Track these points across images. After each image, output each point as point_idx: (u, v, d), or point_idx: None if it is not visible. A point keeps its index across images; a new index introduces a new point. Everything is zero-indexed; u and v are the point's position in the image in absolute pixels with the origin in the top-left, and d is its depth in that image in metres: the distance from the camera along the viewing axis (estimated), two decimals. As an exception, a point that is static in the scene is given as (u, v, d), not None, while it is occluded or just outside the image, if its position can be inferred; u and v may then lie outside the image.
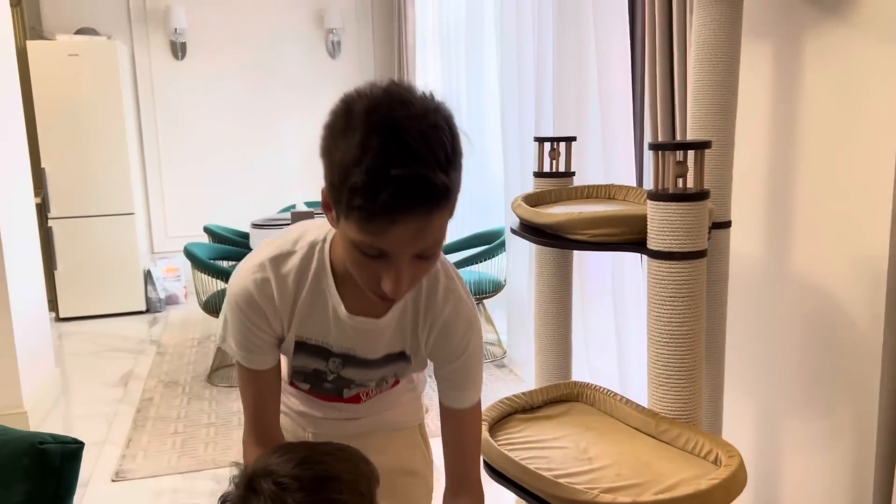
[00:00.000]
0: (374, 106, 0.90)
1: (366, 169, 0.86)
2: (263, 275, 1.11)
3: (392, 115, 0.89)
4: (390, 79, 0.97)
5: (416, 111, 0.90)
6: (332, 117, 0.94)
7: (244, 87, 6.11)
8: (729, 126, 1.73)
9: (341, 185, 0.90)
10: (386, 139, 0.87)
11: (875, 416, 1.70)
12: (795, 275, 1.90)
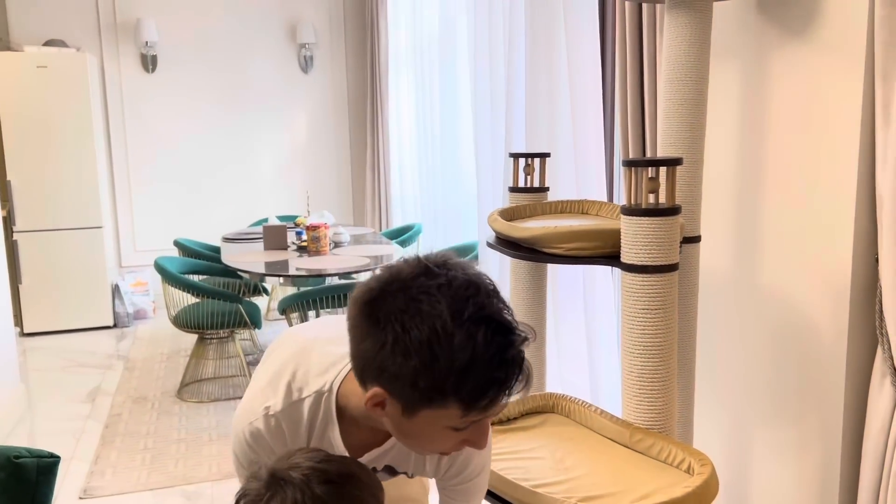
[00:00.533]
0: (460, 305, 0.93)
1: (485, 360, 0.92)
2: (276, 423, 1.16)
3: (478, 303, 0.95)
4: (425, 264, 0.98)
5: (482, 290, 0.97)
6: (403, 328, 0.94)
7: (215, 100, 6.09)
8: (698, 143, 1.78)
9: (443, 380, 0.92)
10: (487, 329, 0.93)
11: (840, 425, 1.75)
12: (763, 288, 1.96)
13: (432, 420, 0.97)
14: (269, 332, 5.30)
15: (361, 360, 0.98)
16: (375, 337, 0.95)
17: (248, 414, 1.18)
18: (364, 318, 0.97)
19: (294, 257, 4.02)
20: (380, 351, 0.94)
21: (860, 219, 1.66)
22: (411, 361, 0.92)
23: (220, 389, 4.13)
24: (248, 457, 1.19)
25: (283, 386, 1.17)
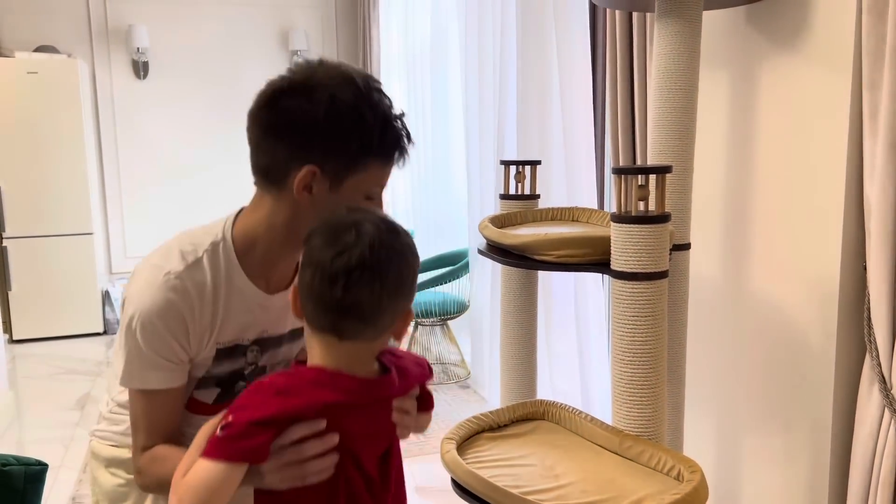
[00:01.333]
0: (362, 80, 1.11)
1: (393, 116, 1.14)
2: (181, 285, 1.09)
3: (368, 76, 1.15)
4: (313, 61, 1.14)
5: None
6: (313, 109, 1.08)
7: (207, 107, 6.08)
8: (688, 151, 1.79)
9: (370, 138, 1.08)
10: (385, 95, 1.14)
11: (829, 432, 1.76)
12: (752, 296, 1.97)
13: (355, 187, 1.09)
14: (260, 339, 5.28)
15: (284, 150, 1.08)
16: (305, 114, 1.05)
17: (147, 289, 1.08)
18: (279, 111, 1.09)
19: (285, 264, 4.01)
20: (311, 126, 1.05)
21: (848, 227, 1.67)
22: (344, 124, 1.05)
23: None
24: (158, 343, 1.08)
25: (175, 255, 1.12)
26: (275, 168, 1.10)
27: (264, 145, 1.11)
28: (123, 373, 1.12)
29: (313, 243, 1.00)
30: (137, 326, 1.08)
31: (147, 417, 1.12)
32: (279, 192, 1.12)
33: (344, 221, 1.00)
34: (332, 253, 0.97)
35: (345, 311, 0.98)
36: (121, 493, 1.27)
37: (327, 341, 1.02)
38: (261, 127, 1.11)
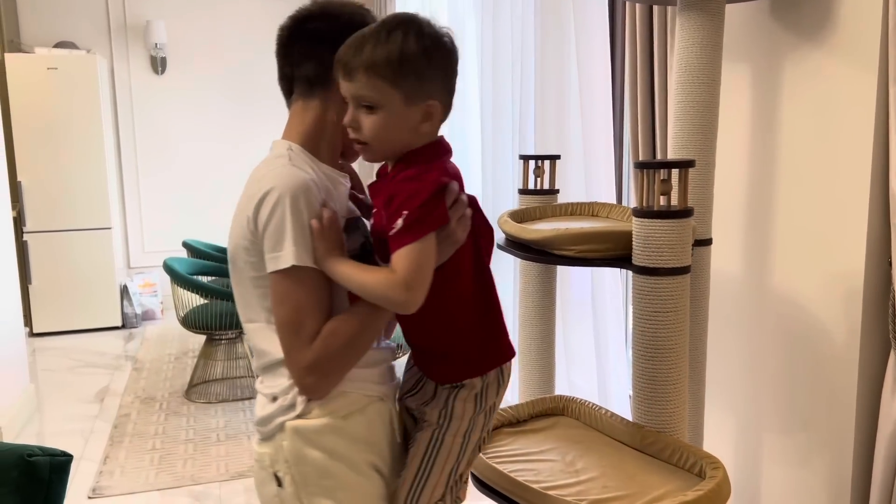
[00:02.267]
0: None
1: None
2: (306, 169, 1.18)
3: None
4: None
5: None
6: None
7: (224, 102, 6.10)
8: (710, 146, 1.78)
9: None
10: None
11: (852, 430, 1.74)
12: (774, 291, 1.95)
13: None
14: (277, 334, 5.30)
15: (330, 56, 1.17)
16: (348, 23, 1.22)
17: (280, 172, 1.16)
18: (329, 19, 1.26)
19: (302, 259, 4.02)
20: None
21: (873, 222, 1.65)
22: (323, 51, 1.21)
23: (228, 390, 4.13)
24: (313, 211, 1.14)
25: (273, 163, 1.20)
26: (322, 72, 1.22)
27: (314, 53, 1.23)
28: (294, 248, 1.12)
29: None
30: (289, 202, 1.13)
31: (315, 295, 1.14)
32: (326, 93, 1.24)
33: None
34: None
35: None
36: (331, 466, 1.21)
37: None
38: (311, 37, 1.24)
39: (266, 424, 1.21)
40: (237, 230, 1.20)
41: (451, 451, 1.24)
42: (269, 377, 1.23)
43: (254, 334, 1.23)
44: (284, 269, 1.12)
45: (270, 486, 1.22)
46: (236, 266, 1.23)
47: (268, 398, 1.22)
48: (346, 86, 1.14)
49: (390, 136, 1.15)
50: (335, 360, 1.15)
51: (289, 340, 1.15)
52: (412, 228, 1.08)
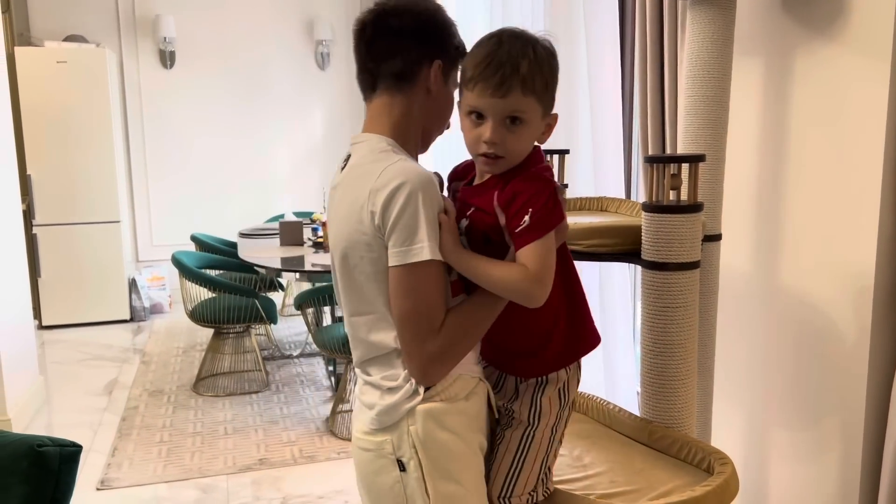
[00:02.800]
0: None
1: None
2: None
3: None
4: None
5: None
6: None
7: (233, 96, 6.11)
8: (720, 141, 1.77)
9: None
10: None
11: (861, 427, 1.73)
12: (784, 288, 1.94)
13: (454, 82, 1.29)
14: (285, 328, 5.32)
15: (416, 50, 1.27)
16: (427, 16, 1.29)
17: (407, 168, 1.17)
18: (406, 15, 1.27)
19: (310, 253, 4.04)
20: (433, 24, 1.29)
21: (884, 218, 1.64)
22: (449, 26, 1.31)
23: (236, 384, 4.15)
24: (433, 205, 1.17)
25: (391, 155, 1.22)
26: (408, 68, 1.26)
27: (399, 48, 1.26)
28: (429, 242, 1.15)
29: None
30: (421, 196, 1.15)
31: (441, 287, 1.18)
32: (411, 88, 1.27)
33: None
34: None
35: None
36: (461, 447, 1.25)
37: None
38: (395, 33, 1.26)
39: (390, 413, 1.23)
40: (353, 227, 1.20)
41: (541, 445, 1.28)
42: (382, 368, 1.26)
43: (364, 327, 1.26)
44: (417, 263, 1.15)
45: (391, 473, 1.25)
46: (349, 262, 1.23)
47: (382, 389, 1.25)
48: (494, 102, 1.15)
49: (525, 149, 1.20)
50: (458, 349, 1.20)
51: (414, 331, 1.17)
52: (538, 226, 1.13)
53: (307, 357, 4.67)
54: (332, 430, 3.48)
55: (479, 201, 1.22)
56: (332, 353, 3.44)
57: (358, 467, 1.32)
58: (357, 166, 1.25)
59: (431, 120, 1.31)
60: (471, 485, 1.26)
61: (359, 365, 1.31)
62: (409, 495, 1.24)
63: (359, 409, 1.32)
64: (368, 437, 1.27)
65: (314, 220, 4.67)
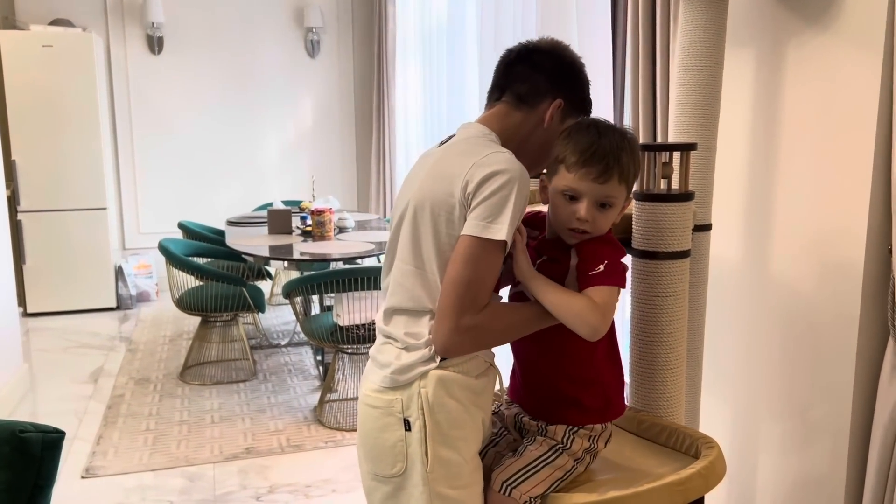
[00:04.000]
0: None
1: None
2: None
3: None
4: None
5: None
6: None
7: (221, 83, 6.06)
8: (711, 130, 1.76)
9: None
10: None
11: (848, 416, 1.74)
12: (773, 278, 1.94)
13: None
14: (273, 317, 5.30)
15: (544, 83, 1.41)
16: (567, 62, 1.44)
17: (509, 159, 1.26)
18: (547, 55, 1.43)
19: (298, 242, 4.01)
20: (570, 70, 1.44)
21: (874, 209, 1.64)
22: (583, 78, 1.47)
23: (223, 372, 4.13)
24: (524, 203, 1.26)
25: (496, 146, 1.32)
26: (532, 94, 1.40)
27: (530, 78, 1.41)
28: (508, 227, 1.23)
29: None
30: (517, 187, 1.24)
31: (496, 270, 1.26)
32: (529, 112, 1.41)
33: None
34: None
35: None
36: (465, 416, 1.32)
37: None
38: (534, 65, 1.41)
39: (404, 373, 1.30)
40: (443, 188, 1.28)
41: (561, 465, 1.34)
42: (410, 323, 1.32)
43: (415, 278, 1.31)
44: (492, 240, 1.22)
45: (396, 431, 1.31)
46: (423, 216, 1.30)
47: (402, 346, 1.31)
48: (594, 187, 1.28)
49: (608, 226, 1.34)
50: (489, 335, 1.28)
51: (459, 298, 1.23)
52: (611, 274, 1.29)
53: (295, 346, 4.66)
54: (320, 420, 3.47)
55: (553, 254, 1.36)
56: (320, 342, 3.43)
57: (363, 424, 1.37)
58: (462, 141, 1.36)
59: (534, 146, 1.42)
60: (467, 455, 1.32)
61: (389, 313, 1.36)
62: (410, 455, 1.30)
63: (371, 368, 1.38)
64: (379, 394, 1.33)
65: (303, 208, 4.65)
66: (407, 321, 1.32)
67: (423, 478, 1.29)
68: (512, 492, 1.30)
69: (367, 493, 1.41)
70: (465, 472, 1.31)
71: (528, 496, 1.30)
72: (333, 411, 3.53)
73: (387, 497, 1.35)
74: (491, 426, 1.43)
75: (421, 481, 1.29)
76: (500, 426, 1.49)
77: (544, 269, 1.34)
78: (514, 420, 1.46)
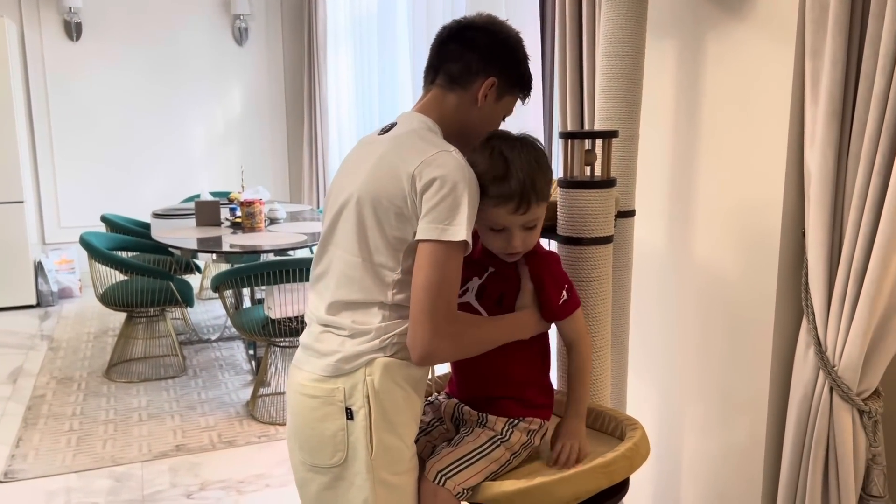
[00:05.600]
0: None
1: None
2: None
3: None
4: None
5: None
6: None
7: (145, 71, 5.86)
8: (634, 118, 1.79)
9: (525, 70, 1.48)
10: None
11: (766, 393, 1.80)
12: (695, 262, 2.00)
13: (505, 107, 1.45)
14: (202, 311, 5.18)
15: (477, 62, 1.39)
16: (501, 38, 1.42)
17: (456, 161, 1.26)
18: (482, 32, 1.42)
19: (228, 234, 3.93)
20: (502, 47, 1.41)
21: (789, 193, 1.70)
22: (520, 55, 1.44)
23: (151, 369, 4.01)
24: (475, 200, 1.26)
25: (440, 141, 1.33)
26: (465, 73, 1.39)
27: (463, 57, 1.40)
28: (465, 227, 1.23)
29: None
30: (467, 189, 1.24)
31: (458, 272, 1.26)
32: (463, 93, 1.40)
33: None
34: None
35: None
36: (407, 402, 1.33)
37: None
38: (465, 42, 1.40)
39: (350, 361, 1.29)
40: (390, 182, 1.27)
41: (497, 458, 1.35)
42: (359, 314, 1.31)
43: (359, 269, 1.30)
44: (452, 241, 1.22)
45: (337, 420, 1.29)
46: (369, 208, 1.29)
47: (347, 335, 1.30)
48: (517, 218, 1.31)
49: (537, 240, 1.40)
50: (468, 340, 1.31)
51: (432, 302, 1.23)
52: (574, 297, 1.42)
53: (226, 341, 4.56)
54: (253, 414, 3.41)
55: (500, 268, 1.40)
56: (252, 335, 3.37)
57: (297, 415, 1.35)
58: (407, 135, 1.34)
59: (472, 126, 1.41)
60: (408, 440, 1.33)
61: (332, 305, 1.34)
62: (352, 443, 1.29)
63: (305, 358, 1.36)
64: (318, 384, 1.31)
65: (232, 199, 4.55)
66: (355, 312, 1.32)
67: (366, 465, 1.28)
68: (446, 482, 1.30)
69: (300, 484, 1.39)
70: (406, 458, 1.32)
71: (462, 487, 1.31)
72: (266, 405, 3.48)
73: (324, 487, 1.33)
74: (422, 414, 1.43)
75: (364, 468, 1.28)
76: (433, 416, 1.49)
77: (494, 282, 1.39)
78: (452, 411, 1.46)
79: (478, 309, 1.40)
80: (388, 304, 1.30)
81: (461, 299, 1.40)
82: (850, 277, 1.55)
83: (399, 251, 1.29)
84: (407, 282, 1.30)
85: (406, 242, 1.28)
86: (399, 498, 1.32)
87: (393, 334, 1.30)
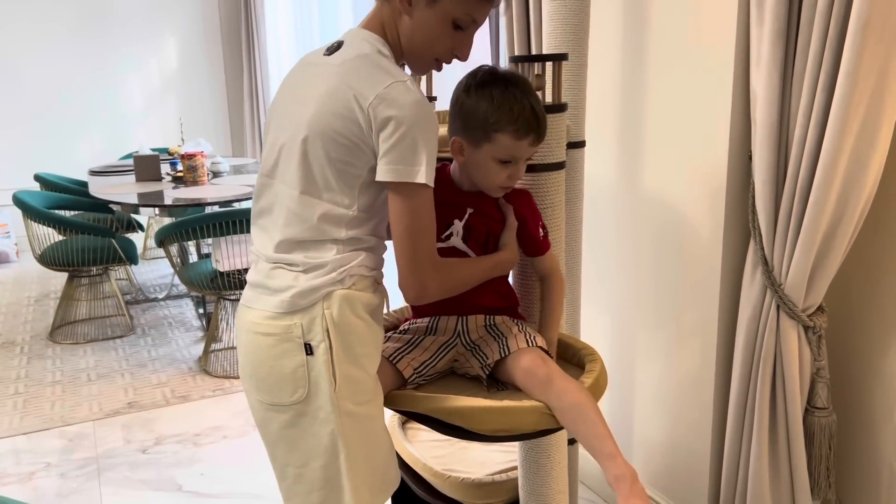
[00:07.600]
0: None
1: None
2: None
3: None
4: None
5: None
6: None
7: (74, 23, 5.59)
8: (582, 45, 1.77)
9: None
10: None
11: (716, 318, 1.84)
12: (645, 193, 2.01)
13: (448, 8, 1.27)
14: (148, 271, 5.06)
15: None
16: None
17: (409, 95, 1.19)
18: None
19: (169, 188, 3.81)
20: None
21: (735, 118, 1.71)
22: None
23: (97, 330, 3.91)
24: (434, 132, 1.21)
25: (393, 68, 1.24)
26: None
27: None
28: (426, 168, 1.19)
29: None
30: (428, 130, 1.20)
31: (431, 215, 1.24)
32: (390, 3, 1.29)
33: None
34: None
35: None
36: (368, 332, 1.31)
37: None
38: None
39: (306, 296, 1.25)
40: (339, 113, 1.21)
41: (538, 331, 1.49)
42: (311, 251, 1.27)
43: (308, 207, 1.26)
44: (417, 184, 1.19)
45: (296, 356, 1.26)
46: (317, 143, 1.23)
47: (300, 270, 1.26)
48: (531, 150, 1.34)
49: None
50: (456, 276, 1.34)
51: (414, 244, 1.22)
52: (547, 234, 1.48)
53: (174, 299, 4.47)
54: (206, 369, 3.36)
55: (481, 207, 1.40)
56: (201, 289, 3.30)
57: (253, 354, 1.31)
58: (357, 59, 1.25)
59: (412, 41, 1.30)
60: (371, 370, 1.31)
61: (281, 244, 1.29)
62: (314, 379, 1.26)
63: (255, 296, 1.31)
64: (273, 321, 1.27)
65: (172, 153, 4.41)
66: (307, 250, 1.27)
67: (329, 399, 1.26)
68: (536, 339, 1.39)
69: (260, 424, 1.36)
70: (369, 388, 1.30)
71: (543, 345, 1.40)
72: (220, 360, 3.43)
73: (286, 425, 1.30)
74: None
75: (328, 402, 1.26)
76: (414, 335, 1.47)
77: (478, 223, 1.39)
78: (452, 328, 1.46)
79: (466, 251, 1.40)
80: (343, 240, 1.27)
81: (447, 243, 1.39)
82: (796, 197, 1.58)
83: (353, 188, 1.24)
84: (363, 218, 1.26)
85: (361, 178, 1.24)
86: (365, 426, 1.31)
87: (350, 265, 1.27)
